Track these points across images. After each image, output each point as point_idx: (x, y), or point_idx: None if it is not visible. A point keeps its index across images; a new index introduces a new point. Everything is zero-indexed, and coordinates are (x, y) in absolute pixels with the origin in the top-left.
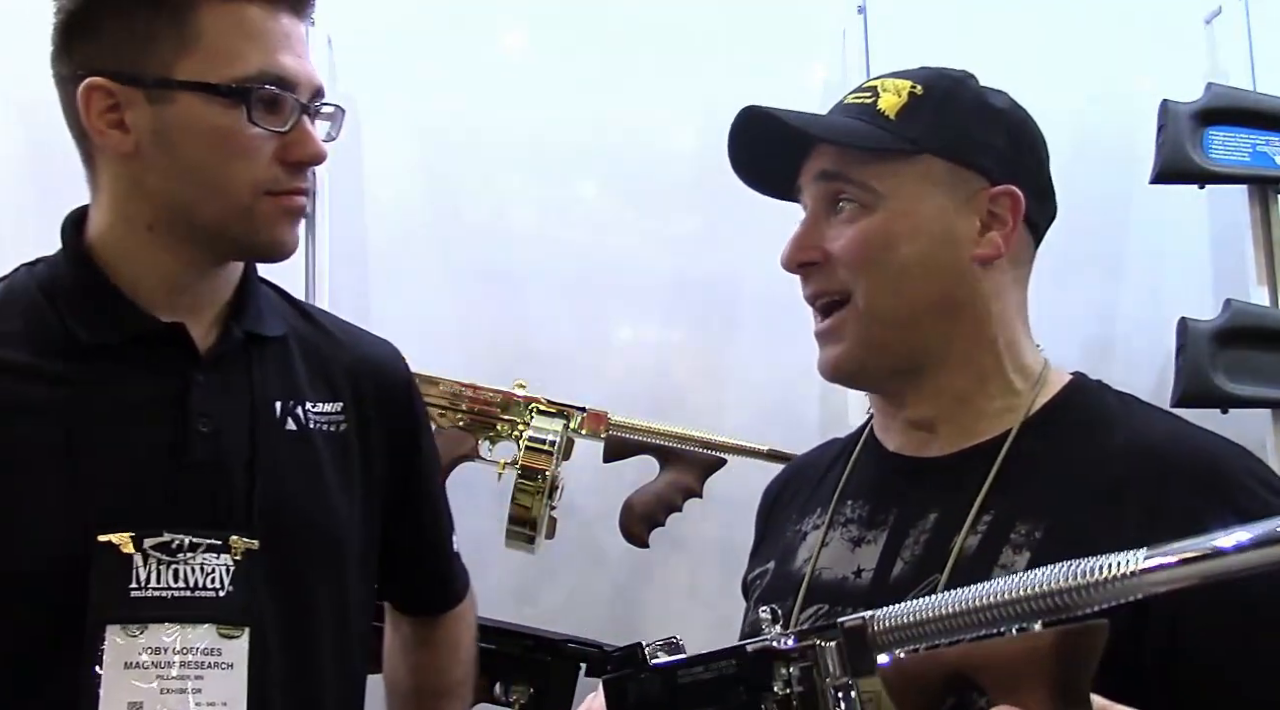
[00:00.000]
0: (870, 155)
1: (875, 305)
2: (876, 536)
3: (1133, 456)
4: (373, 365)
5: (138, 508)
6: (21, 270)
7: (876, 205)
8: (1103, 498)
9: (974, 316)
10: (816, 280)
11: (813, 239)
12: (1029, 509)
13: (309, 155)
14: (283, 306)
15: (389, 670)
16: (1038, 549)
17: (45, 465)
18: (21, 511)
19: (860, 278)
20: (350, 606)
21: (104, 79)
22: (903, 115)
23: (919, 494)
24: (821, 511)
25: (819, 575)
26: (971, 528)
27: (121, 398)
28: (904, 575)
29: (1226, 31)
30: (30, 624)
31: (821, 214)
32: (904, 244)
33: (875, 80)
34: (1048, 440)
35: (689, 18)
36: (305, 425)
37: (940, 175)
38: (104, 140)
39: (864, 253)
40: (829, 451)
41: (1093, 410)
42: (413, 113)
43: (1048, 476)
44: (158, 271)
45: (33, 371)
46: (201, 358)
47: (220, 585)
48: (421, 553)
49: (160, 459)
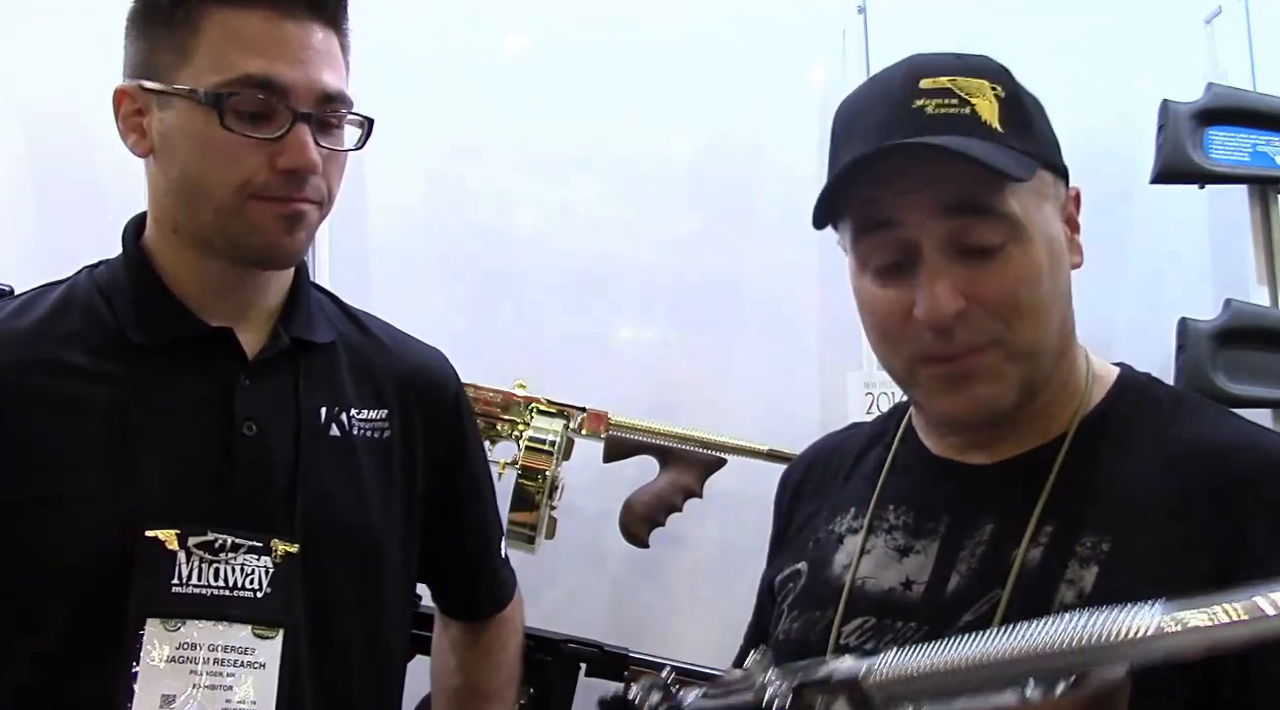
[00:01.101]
0: (1004, 180)
1: (1028, 342)
2: (926, 546)
3: (1198, 465)
4: (421, 374)
5: (184, 506)
6: (83, 272)
7: (1020, 236)
8: (1170, 510)
9: (1069, 334)
10: (962, 335)
11: (954, 287)
12: (1094, 520)
13: (296, 163)
14: (335, 313)
15: (436, 670)
16: (1106, 563)
17: (96, 462)
18: (73, 505)
19: (1013, 320)
20: (386, 612)
21: (130, 84)
22: (1005, 124)
23: (972, 502)
24: (857, 513)
25: (861, 585)
26: (1032, 540)
27: (171, 398)
28: (961, 589)
29: (1226, 31)
30: (74, 614)
31: (950, 256)
32: (1047, 276)
33: (945, 79)
34: (1106, 444)
35: (689, 18)
36: (348, 432)
37: (1048, 187)
38: (130, 143)
39: (1021, 293)
40: (855, 439)
41: (1149, 410)
42: (415, 115)
43: (1109, 484)
44: (195, 275)
45: (88, 371)
46: (248, 362)
47: (259, 586)
48: (468, 558)
49: (206, 460)
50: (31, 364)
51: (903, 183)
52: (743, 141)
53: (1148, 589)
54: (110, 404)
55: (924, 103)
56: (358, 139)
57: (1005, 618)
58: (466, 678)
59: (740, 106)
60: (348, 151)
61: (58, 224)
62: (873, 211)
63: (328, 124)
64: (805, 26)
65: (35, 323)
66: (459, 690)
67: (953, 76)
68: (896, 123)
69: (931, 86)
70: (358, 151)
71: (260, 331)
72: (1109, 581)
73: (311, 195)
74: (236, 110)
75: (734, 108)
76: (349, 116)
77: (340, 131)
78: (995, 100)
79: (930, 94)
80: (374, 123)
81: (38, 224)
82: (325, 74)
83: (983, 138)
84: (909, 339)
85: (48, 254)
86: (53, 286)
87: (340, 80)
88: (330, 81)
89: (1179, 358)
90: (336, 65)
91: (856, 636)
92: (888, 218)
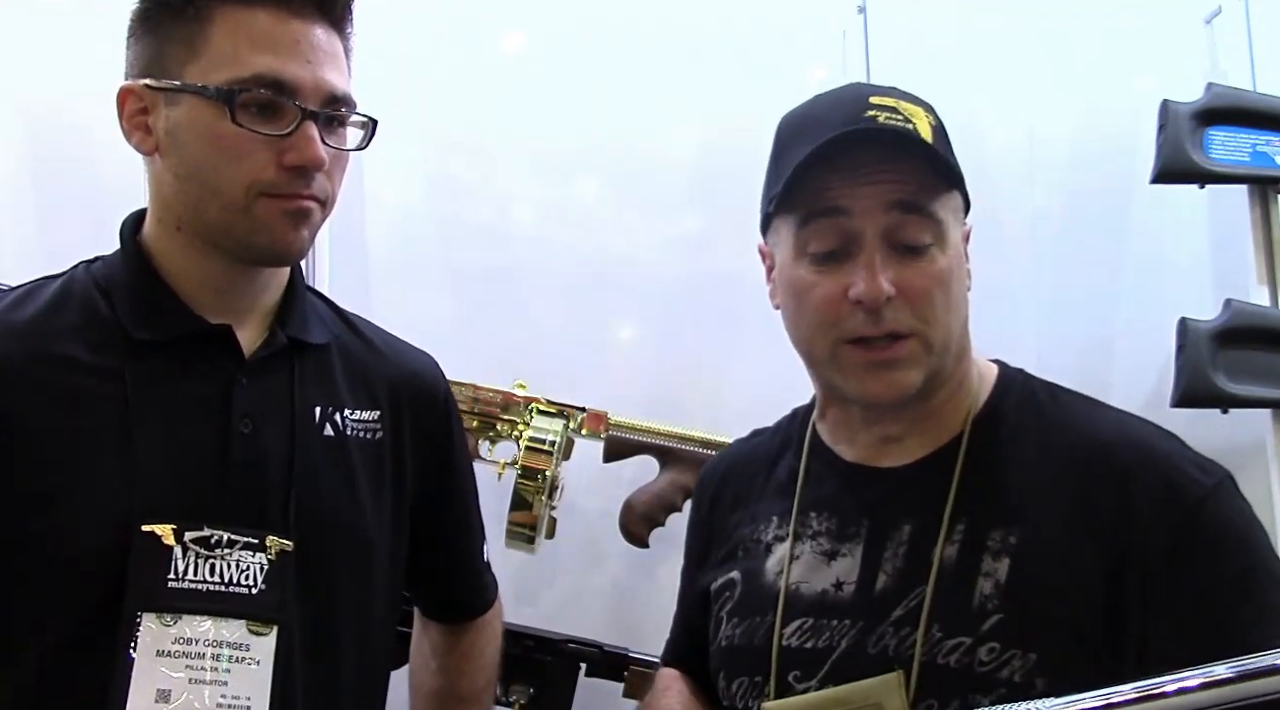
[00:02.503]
0: (940, 187)
1: (940, 337)
2: (851, 549)
3: (1084, 457)
4: (412, 377)
5: (180, 502)
6: (80, 266)
7: (942, 243)
8: (1066, 501)
9: (966, 341)
10: (890, 317)
11: (886, 273)
12: (998, 515)
13: (304, 159)
14: (329, 316)
15: (414, 673)
16: (1016, 555)
17: (95, 457)
18: (71, 499)
19: (929, 315)
20: (376, 609)
21: (135, 83)
22: (937, 144)
23: (889, 505)
24: (780, 522)
25: (795, 589)
26: (948, 538)
27: (170, 394)
28: (889, 587)
29: (1226, 31)
30: (71, 608)
31: (885, 249)
32: (955, 282)
33: (890, 99)
34: (998, 441)
35: (689, 18)
36: (342, 431)
37: (959, 210)
38: (134, 142)
39: (936, 292)
40: (762, 447)
41: (1029, 405)
42: (413, 113)
43: (1007, 479)
44: (196, 273)
45: (87, 366)
46: (246, 360)
47: (253, 583)
48: (451, 561)
49: (203, 456)
50: (31, 357)
51: (854, 175)
52: (743, 141)
53: (1055, 576)
54: (109, 399)
55: (874, 113)
56: (360, 140)
57: (931, 612)
58: (445, 681)
59: (740, 106)
60: (351, 151)
61: (57, 224)
62: (825, 198)
63: (333, 124)
64: (805, 26)
65: (33, 316)
66: (437, 693)
67: (897, 99)
68: (851, 124)
69: (880, 102)
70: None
71: (257, 330)
72: (1020, 571)
73: (317, 193)
74: (246, 106)
75: (734, 107)
76: (352, 117)
77: (344, 132)
78: (929, 126)
79: (879, 108)
80: (377, 124)
81: (37, 224)
82: (332, 74)
83: (925, 149)
84: (840, 321)
85: (47, 253)
86: (49, 280)
87: (345, 82)
88: (337, 82)
89: (1179, 358)
90: (342, 66)
91: (797, 637)
92: (837, 206)
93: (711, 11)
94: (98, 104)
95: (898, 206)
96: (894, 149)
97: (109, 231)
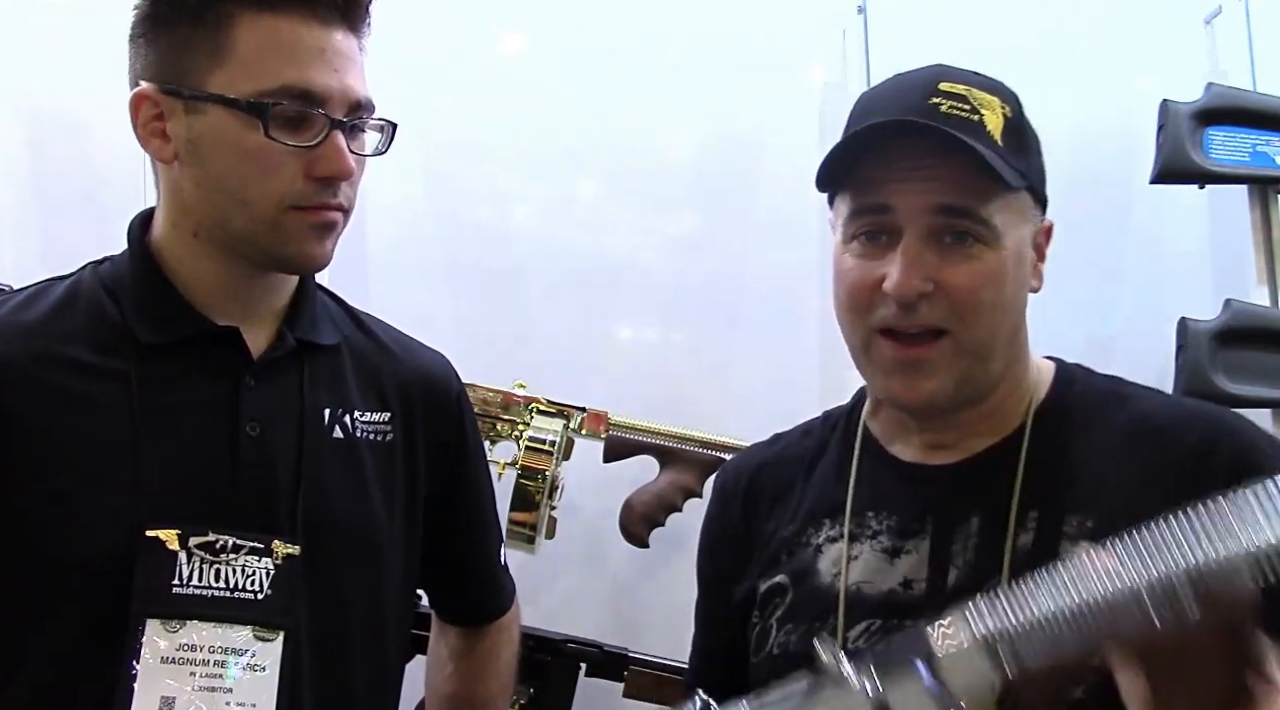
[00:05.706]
0: (995, 188)
1: (973, 340)
2: (916, 546)
3: (1152, 439)
4: (424, 378)
5: (186, 506)
6: (88, 267)
7: (994, 243)
8: (1138, 483)
9: (1022, 343)
10: (924, 312)
11: (925, 269)
12: (1072, 501)
13: (335, 170)
14: (339, 315)
15: (431, 676)
16: (1095, 538)
17: (101, 459)
18: (76, 502)
19: (968, 314)
20: (386, 614)
21: (150, 88)
22: (1005, 140)
23: (953, 499)
24: (831, 524)
25: (857, 590)
26: (1021, 526)
27: (177, 397)
28: (963, 581)
29: (1226, 31)
30: (76, 613)
31: (928, 241)
32: (1009, 283)
33: (962, 87)
34: (1063, 430)
35: (689, 18)
36: (352, 434)
37: (1028, 209)
38: (149, 148)
39: (982, 292)
40: (792, 451)
41: (1093, 394)
42: (413, 113)
43: (1076, 466)
44: (209, 276)
45: (94, 367)
46: (254, 362)
47: (259, 588)
48: (466, 564)
49: (210, 459)
50: (37, 359)
51: (903, 169)
52: (743, 140)
53: None
54: (116, 401)
55: (939, 101)
56: (379, 143)
57: None
58: (461, 685)
59: (740, 106)
60: (371, 156)
61: (57, 224)
62: (871, 193)
63: (354, 130)
64: (805, 27)
65: (41, 317)
66: (453, 697)
67: (970, 87)
68: (911, 111)
69: (950, 89)
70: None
71: (266, 332)
72: None
73: (343, 202)
74: (277, 118)
75: (734, 107)
76: (371, 121)
77: (364, 137)
78: (1002, 118)
79: (947, 96)
80: (397, 127)
81: (37, 224)
82: (355, 81)
83: (986, 146)
84: (873, 308)
85: (47, 254)
86: (56, 282)
87: (365, 86)
88: (360, 88)
89: (1179, 358)
90: (361, 70)
91: (865, 640)
92: (882, 203)
93: (711, 12)
94: (98, 104)
95: (943, 211)
96: (944, 145)
97: (109, 230)
